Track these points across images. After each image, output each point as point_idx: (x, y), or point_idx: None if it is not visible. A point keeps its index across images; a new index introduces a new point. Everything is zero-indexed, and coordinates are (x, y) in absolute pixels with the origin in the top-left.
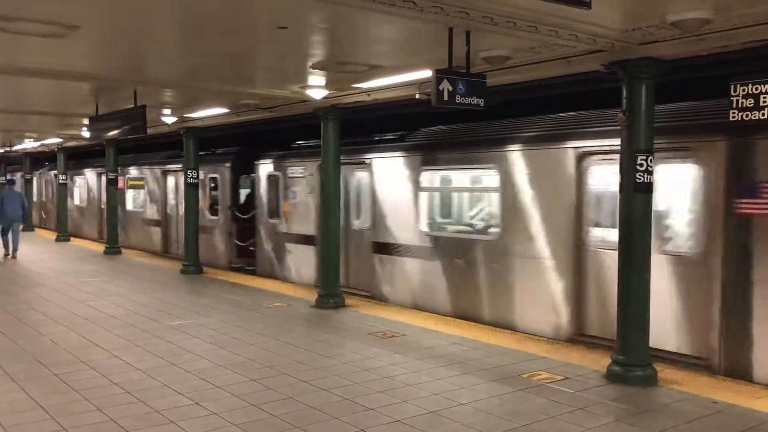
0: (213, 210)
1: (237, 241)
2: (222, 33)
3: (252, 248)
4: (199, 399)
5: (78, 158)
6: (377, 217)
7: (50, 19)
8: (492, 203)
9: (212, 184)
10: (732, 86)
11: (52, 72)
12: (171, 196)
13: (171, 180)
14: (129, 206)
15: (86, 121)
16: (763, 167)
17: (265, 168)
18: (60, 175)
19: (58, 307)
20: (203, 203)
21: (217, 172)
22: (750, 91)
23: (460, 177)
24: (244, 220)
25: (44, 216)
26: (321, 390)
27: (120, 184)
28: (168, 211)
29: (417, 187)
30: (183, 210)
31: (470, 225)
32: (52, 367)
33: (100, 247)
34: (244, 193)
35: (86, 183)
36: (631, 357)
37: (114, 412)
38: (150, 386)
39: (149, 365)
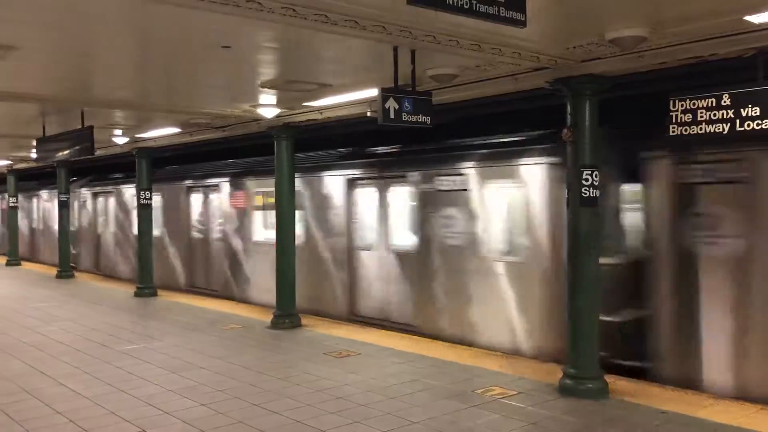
0: None
1: None
2: (165, 53)
3: None
4: (146, 426)
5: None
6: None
7: None
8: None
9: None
10: (671, 102)
11: None
12: None
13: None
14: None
15: (34, 143)
16: None
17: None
18: (10, 198)
19: (2, 335)
20: None
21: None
22: (688, 107)
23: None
24: None
25: None
26: (272, 413)
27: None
28: None
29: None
30: None
31: None
32: None
33: (52, 271)
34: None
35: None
36: (582, 370)
37: None
38: (95, 414)
39: (96, 392)
